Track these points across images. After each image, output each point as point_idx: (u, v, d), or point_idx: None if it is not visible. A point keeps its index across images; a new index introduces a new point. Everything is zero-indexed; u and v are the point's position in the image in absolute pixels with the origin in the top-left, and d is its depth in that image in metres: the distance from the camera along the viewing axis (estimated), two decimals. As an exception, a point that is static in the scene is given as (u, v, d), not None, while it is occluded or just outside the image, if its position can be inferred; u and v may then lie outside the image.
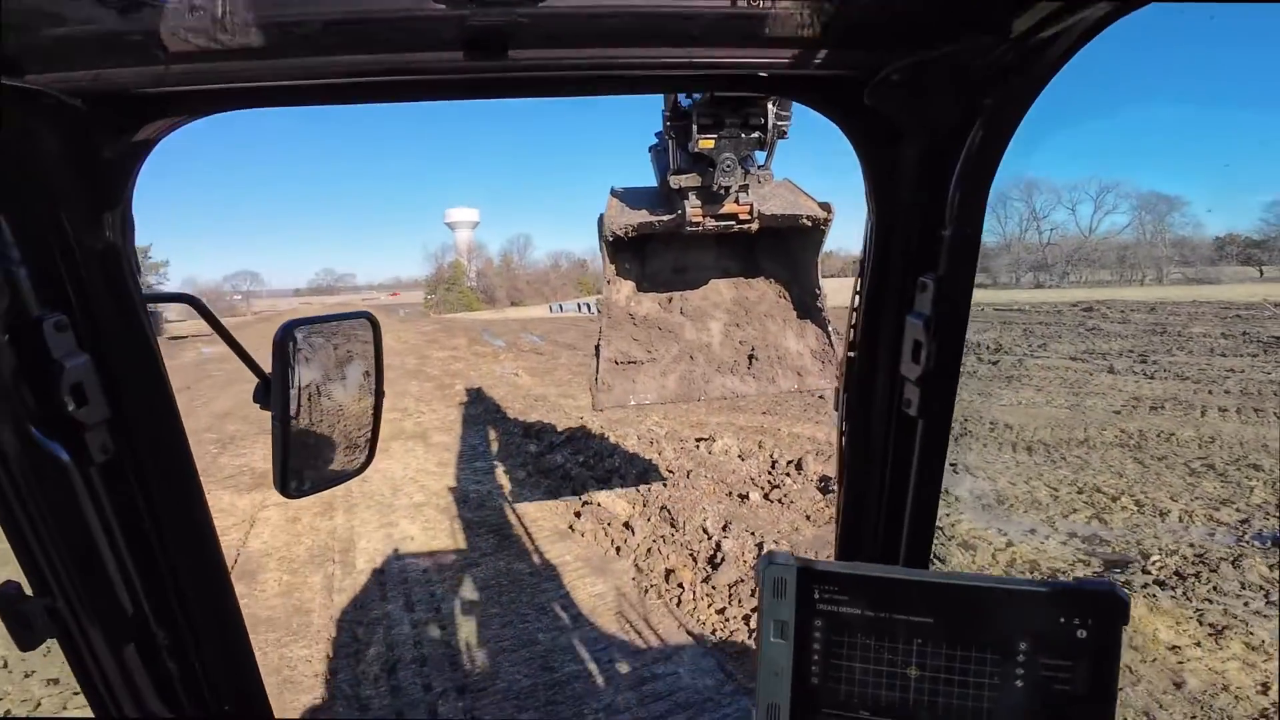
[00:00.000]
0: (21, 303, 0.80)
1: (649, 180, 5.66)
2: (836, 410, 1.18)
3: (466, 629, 5.25)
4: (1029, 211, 63.73)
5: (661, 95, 4.47)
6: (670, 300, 5.72)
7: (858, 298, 1.09)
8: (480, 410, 14.04)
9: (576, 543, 6.79)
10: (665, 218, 4.92)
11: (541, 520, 7.50)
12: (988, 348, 17.70)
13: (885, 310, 1.04)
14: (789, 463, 8.21)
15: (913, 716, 0.84)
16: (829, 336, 5.39)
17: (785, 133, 4.39)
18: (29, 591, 0.89)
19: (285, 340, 1.04)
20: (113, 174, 0.87)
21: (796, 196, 5.01)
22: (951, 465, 8.42)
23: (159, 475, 0.99)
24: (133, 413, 0.93)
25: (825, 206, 4.92)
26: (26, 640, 0.89)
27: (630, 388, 5.41)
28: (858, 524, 1.16)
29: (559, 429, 11.08)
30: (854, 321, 1.10)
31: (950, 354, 0.95)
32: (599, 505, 7.39)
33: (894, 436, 1.06)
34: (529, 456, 9.98)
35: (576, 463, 9.12)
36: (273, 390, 1.05)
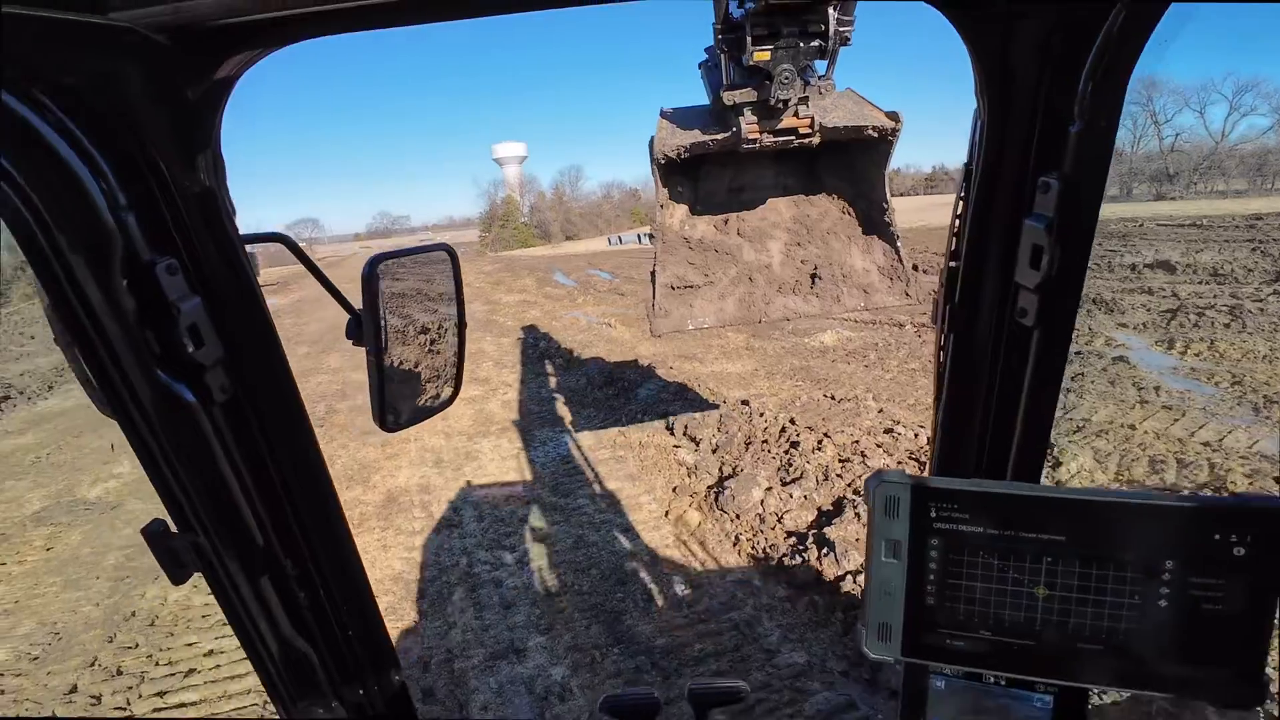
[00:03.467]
0: (134, 248, 0.80)
1: (702, 100, 5.23)
2: (934, 322, 1.06)
3: None
4: (1148, 115, 55.08)
5: (712, 6, 4.26)
6: (726, 222, 5.54)
7: (961, 203, 0.98)
8: (582, 382, 10.60)
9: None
10: (719, 136, 4.66)
11: (783, 614, 4.04)
12: (1249, 274, 12.86)
13: (997, 214, 0.93)
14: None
15: (1040, 636, 0.80)
16: (898, 252, 5.11)
17: (848, 39, 3.94)
18: (174, 529, 0.94)
19: (372, 275, 1.00)
20: (199, 114, 0.84)
21: (861, 106, 4.70)
22: None
23: (272, 411, 1.00)
24: (244, 352, 0.95)
25: (893, 115, 4.57)
26: (178, 575, 0.95)
27: (688, 312, 5.28)
28: (959, 438, 1.08)
29: (723, 423, 7.49)
30: (957, 229, 0.99)
31: (1076, 260, 0.86)
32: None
33: (1006, 347, 0.98)
34: (689, 472, 6.49)
35: (789, 498, 5.54)
36: (364, 325, 1.01)
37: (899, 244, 5.12)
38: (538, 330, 15.49)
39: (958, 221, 0.98)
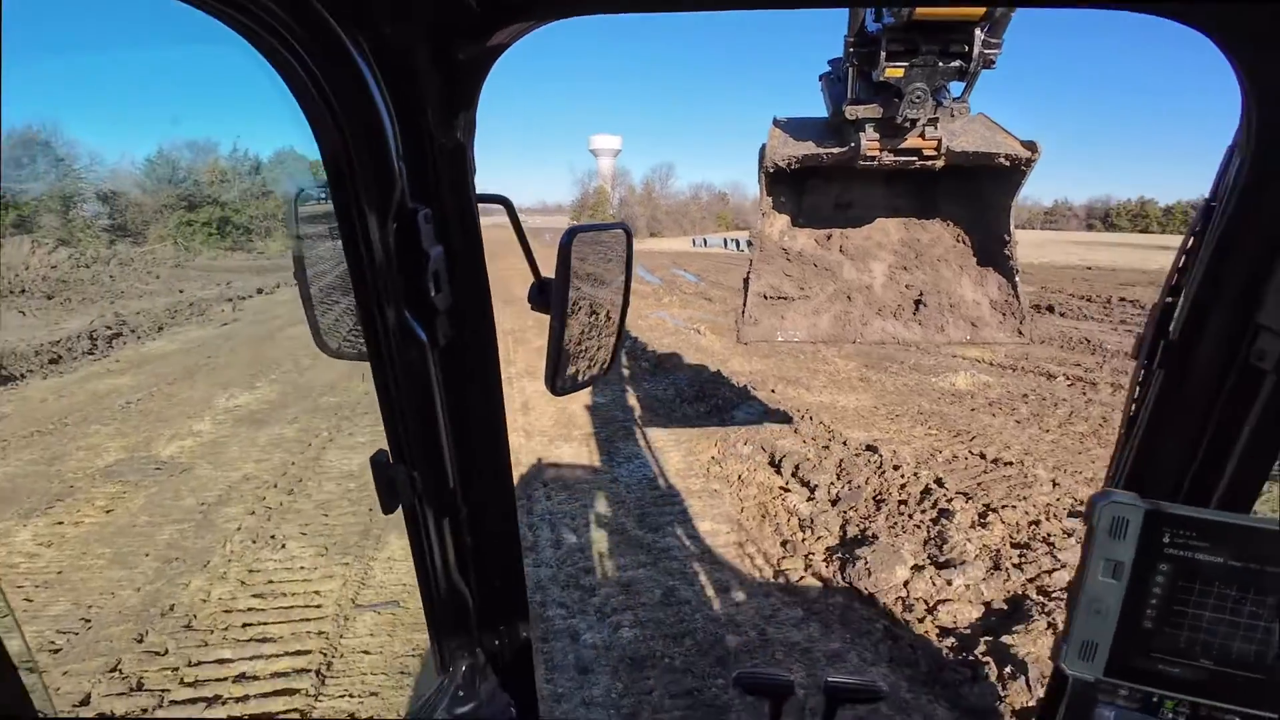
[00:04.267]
0: (404, 196, 0.86)
1: (806, 113, 5.21)
2: (1136, 357, 1.03)
3: None
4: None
5: (847, 18, 4.29)
6: (829, 237, 5.39)
7: (1193, 239, 0.94)
8: (670, 393, 9.71)
9: None
10: (835, 150, 4.55)
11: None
12: None
13: (1243, 250, 0.88)
14: None
15: (1275, 671, 0.78)
16: (1015, 288, 4.88)
17: (993, 62, 3.78)
18: (392, 460, 1.01)
19: (569, 244, 1.00)
20: (469, 76, 0.88)
21: (994, 133, 4.46)
22: None
23: (476, 362, 1.05)
24: (465, 302, 0.99)
25: (1030, 145, 4.34)
26: (388, 504, 1.00)
27: (778, 323, 5.16)
28: (1154, 464, 1.04)
29: (845, 469, 6.34)
30: (1182, 264, 0.97)
31: None
32: None
33: (1234, 386, 0.93)
34: (802, 525, 5.40)
35: (946, 585, 4.36)
36: (554, 291, 1.02)
37: (1018, 279, 4.90)
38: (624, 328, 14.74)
39: (1184, 257, 0.95)
